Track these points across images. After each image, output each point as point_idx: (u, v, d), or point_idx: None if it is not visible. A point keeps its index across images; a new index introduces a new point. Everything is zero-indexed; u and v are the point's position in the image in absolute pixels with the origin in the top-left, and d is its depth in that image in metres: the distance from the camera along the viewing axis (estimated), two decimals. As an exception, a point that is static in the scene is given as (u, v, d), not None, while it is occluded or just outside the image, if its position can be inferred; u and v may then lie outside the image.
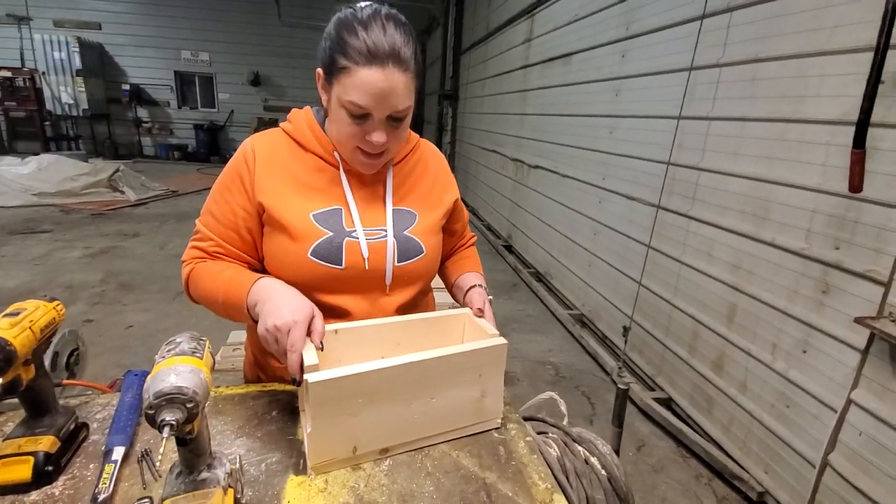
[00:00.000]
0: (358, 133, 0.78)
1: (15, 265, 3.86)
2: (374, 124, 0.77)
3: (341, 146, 0.83)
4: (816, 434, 1.57)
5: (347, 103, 0.75)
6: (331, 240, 0.81)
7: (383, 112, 0.76)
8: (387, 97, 0.74)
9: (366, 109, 0.75)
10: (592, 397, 2.53)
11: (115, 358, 2.59)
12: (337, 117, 0.79)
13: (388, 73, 0.73)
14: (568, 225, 3.55)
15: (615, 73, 2.90)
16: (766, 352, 1.79)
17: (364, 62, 0.72)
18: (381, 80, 0.73)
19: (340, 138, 0.81)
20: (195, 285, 0.83)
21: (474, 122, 6.74)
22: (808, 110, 1.64)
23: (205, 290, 0.81)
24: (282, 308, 0.68)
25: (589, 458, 0.74)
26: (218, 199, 0.85)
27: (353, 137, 0.79)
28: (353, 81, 0.73)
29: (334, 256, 0.81)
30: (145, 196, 6.54)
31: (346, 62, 0.73)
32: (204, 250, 0.84)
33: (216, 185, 0.87)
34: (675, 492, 1.88)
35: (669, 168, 2.33)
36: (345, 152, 0.83)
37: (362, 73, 0.72)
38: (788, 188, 1.71)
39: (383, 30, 0.73)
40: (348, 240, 0.82)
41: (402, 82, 0.75)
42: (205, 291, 0.81)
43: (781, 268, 1.73)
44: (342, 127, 0.79)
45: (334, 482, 0.66)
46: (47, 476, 0.62)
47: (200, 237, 0.85)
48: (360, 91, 0.73)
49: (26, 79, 8.95)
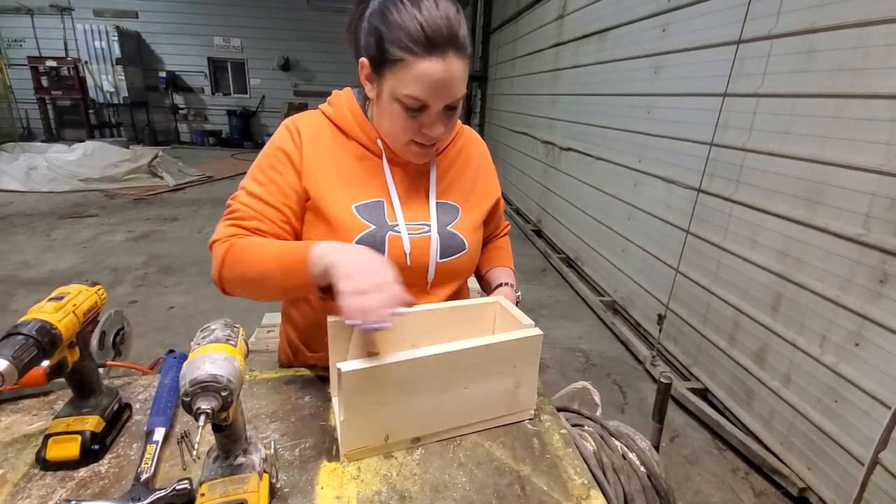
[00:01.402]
0: (413, 126, 0.73)
1: (66, 248, 4.07)
2: (430, 116, 0.72)
3: (393, 139, 0.77)
4: (867, 431, 1.48)
5: (404, 97, 0.70)
6: (373, 234, 0.77)
7: (442, 103, 0.71)
8: (447, 88, 0.69)
9: (425, 102, 0.70)
10: (624, 386, 2.48)
11: (158, 338, 2.71)
12: (389, 111, 0.73)
13: (449, 63, 0.67)
14: (601, 209, 3.45)
15: (655, 49, 2.75)
16: (813, 344, 1.70)
17: (423, 52, 0.66)
18: (442, 71, 0.67)
19: (393, 132, 0.76)
20: (236, 260, 0.73)
21: (503, 104, 6.60)
22: (871, 84, 1.51)
23: (253, 261, 0.71)
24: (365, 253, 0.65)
25: (627, 453, 0.72)
26: (262, 179, 0.78)
27: (407, 131, 0.74)
28: (412, 75, 0.67)
29: (376, 251, 0.78)
30: (183, 181, 6.75)
31: (400, 53, 0.67)
32: (245, 227, 0.76)
33: (257, 164, 0.81)
34: (710, 484, 1.83)
35: (712, 149, 2.20)
36: (396, 146, 0.78)
37: (422, 65, 0.67)
38: (845, 169, 1.59)
39: (435, 3, 0.67)
40: (391, 234, 0.78)
41: (460, 69, 0.69)
42: (252, 263, 0.71)
43: (834, 255, 1.62)
44: (396, 121, 0.73)
45: (367, 470, 0.65)
46: (94, 454, 0.65)
47: (240, 216, 0.77)
48: (420, 84, 0.68)
49: (70, 68, 9.31)
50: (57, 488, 0.61)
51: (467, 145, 0.93)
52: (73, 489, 0.61)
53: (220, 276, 0.75)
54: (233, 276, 0.74)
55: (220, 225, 0.77)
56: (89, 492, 0.61)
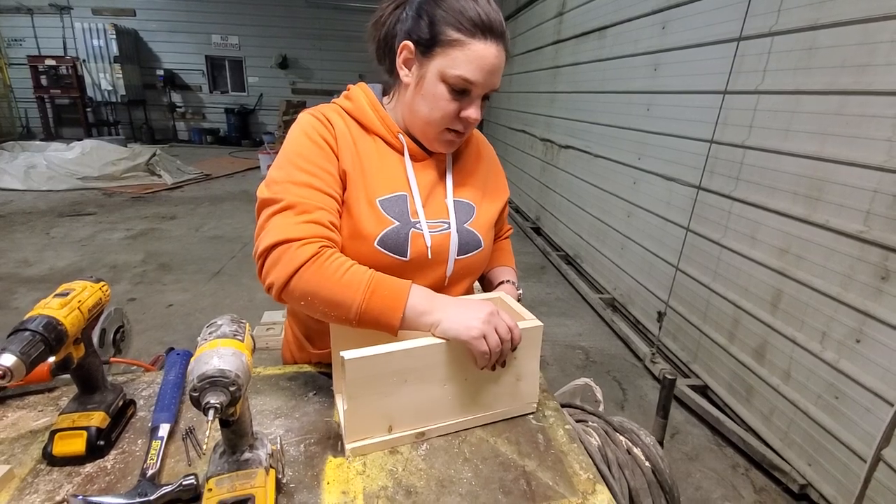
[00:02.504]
0: (454, 111, 0.74)
1: (64, 246, 4.06)
2: (472, 100, 0.75)
3: (429, 126, 0.77)
4: (868, 428, 1.49)
5: (454, 77, 0.71)
6: (398, 230, 0.77)
7: (486, 89, 0.74)
8: (494, 73, 0.73)
9: (473, 85, 0.72)
10: (623, 383, 2.48)
11: (157, 335, 2.70)
12: (432, 93, 0.73)
13: (499, 51, 0.72)
14: (600, 207, 3.45)
15: (654, 47, 2.75)
16: (814, 340, 1.70)
17: (480, 35, 0.70)
18: (494, 55, 0.71)
19: (433, 116, 0.75)
20: (321, 274, 0.67)
21: (502, 102, 6.59)
22: (874, 80, 1.51)
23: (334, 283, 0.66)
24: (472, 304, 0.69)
25: (632, 448, 0.72)
26: (310, 168, 0.73)
27: (447, 116, 0.75)
28: (467, 55, 0.70)
29: (400, 247, 0.77)
30: (181, 180, 6.72)
31: (458, 35, 0.70)
32: (322, 225, 0.71)
33: (296, 153, 0.74)
34: (711, 480, 1.84)
35: (712, 146, 2.21)
36: (430, 132, 0.78)
37: (478, 46, 0.70)
38: (846, 166, 1.59)
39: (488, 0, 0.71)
40: (413, 231, 0.78)
41: (503, 61, 0.74)
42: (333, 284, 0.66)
43: (835, 252, 1.63)
44: (439, 104, 0.74)
45: (372, 465, 0.66)
46: (99, 450, 0.65)
47: (304, 209, 0.70)
48: (473, 65, 0.70)
49: (69, 67, 9.26)
50: (63, 483, 0.61)
51: (479, 145, 0.95)
52: (79, 484, 0.61)
53: (287, 282, 0.67)
54: (307, 289, 0.67)
55: (281, 221, 0.69)
56: (96, 487, 0.61)
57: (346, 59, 10.58)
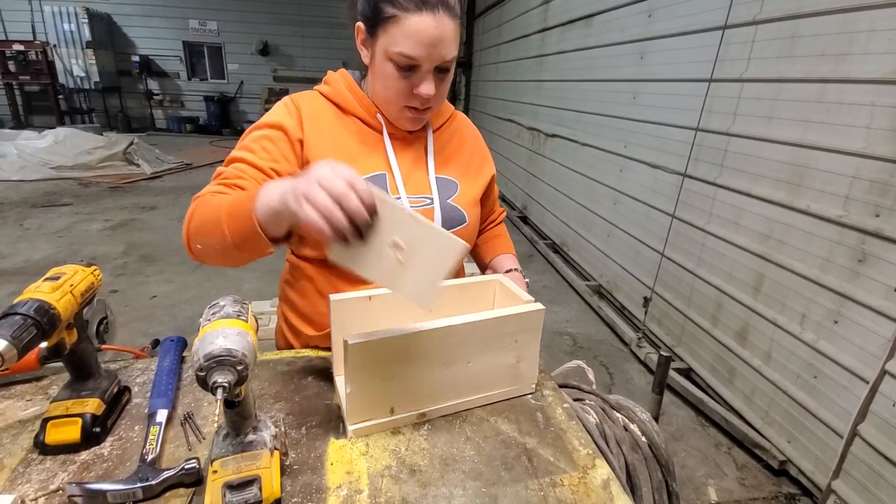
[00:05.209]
0: (406, 88, 0.74)
1: (40, 237, 3.93)
2: (422, 75, 0.74)
3: (388, 105, 0.79)
4: (845, 405, 1.55)
5: (396, 55, 0.71)
6: None
7: (433, 62, 0.72)
8: (437, 45, 0.71)
9: (416, 60, 0.71)
10: (610, 367, 2.53)
11: (141, 327, 2.65)
12: (382, 72, 0.75)
13: (439, 19, 0.69)
14: (586, 195, 3.48)
15: (641, 35, 2.76)
16: (794, 322, 1.76)
17: (414, 8, 0.68)
18: (433, 27, 0.69)
19: (388, 95, 0.77)
20: (199, 213, 0.68)
21: (488, 91, 6.56)
22: (852, 69, 1.55)
23: (207, 212, 0.66)
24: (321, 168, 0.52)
25: (628, 424, 0.74)
26: (255, 148, 0.77)
27: (401, 94, 0.75)
28: (403, 30, 0.69)
29: None
30: (160, 169, 6.55)
31: (393, 10, 0.69)
32: (226, 185, 0.72)
33: (248, 136, 0.78)
34: (695, 459, 1.90)
35: (697, 134, 2.24)
36: (391, 111, 0.80)
37: (412, 20, 0.68)
38: (826, 153, 1.64)
39: None
40: None
41: (451, 29, 0.71)
42: (207, 213, 0.66)
43: (815, 236, 1.68)
44: (389, 82, 0.75)
45: (375, 445, 0.66)
46: (95, 437, 0.63)
47: (227, 175, 0.74)
48: (411, 40, 0.69)
49: (38, 52, 8.88)
50: (58, 472, 0.60)
51: (461, 127, 0.96)
52: (75, 472, 0.60)
53: (187, 233, 0.70)
54: (194, 231, 0.68)
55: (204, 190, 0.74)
56: (93, 474, 0.60)
57: (330, 46, 10.36)
